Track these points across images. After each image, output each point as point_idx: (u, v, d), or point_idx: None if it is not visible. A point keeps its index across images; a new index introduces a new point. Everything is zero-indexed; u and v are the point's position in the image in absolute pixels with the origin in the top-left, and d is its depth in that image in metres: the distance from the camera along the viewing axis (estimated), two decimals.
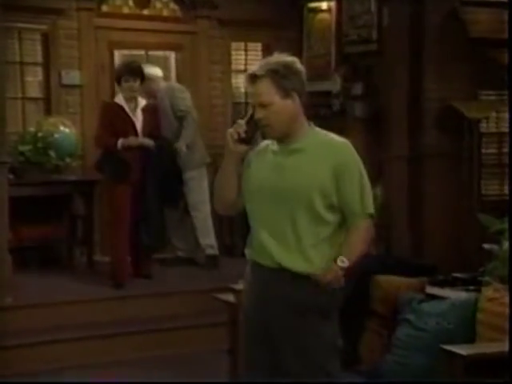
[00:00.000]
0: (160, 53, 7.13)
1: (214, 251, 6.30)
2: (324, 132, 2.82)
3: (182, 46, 7.02)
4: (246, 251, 2.88)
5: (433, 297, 3.62)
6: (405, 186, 6.10)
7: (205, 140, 6.43)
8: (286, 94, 2.70)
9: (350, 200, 2.72)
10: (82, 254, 6.44)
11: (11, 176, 5.58)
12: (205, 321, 5.30)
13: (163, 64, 7.01)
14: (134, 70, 5.46)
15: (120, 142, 5.40)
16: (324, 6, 7.04)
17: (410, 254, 5.95)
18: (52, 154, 6.11)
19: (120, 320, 5.26)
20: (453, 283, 4.06)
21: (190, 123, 6.08)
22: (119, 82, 5.52)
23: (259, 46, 7.44)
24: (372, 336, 3.66)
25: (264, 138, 2.85)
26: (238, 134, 2.73)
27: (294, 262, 2.70)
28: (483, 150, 6.30)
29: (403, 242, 6.01)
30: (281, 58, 2.75)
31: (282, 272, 2.72)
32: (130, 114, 5.50)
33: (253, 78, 2.72)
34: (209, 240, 6.25)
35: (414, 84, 6.14)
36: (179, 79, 7.04)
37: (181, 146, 5.97)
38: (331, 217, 2.72)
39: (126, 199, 5.45)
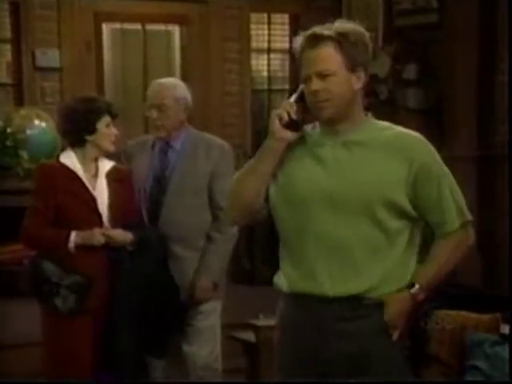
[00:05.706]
0: (161, 27, 7.17)
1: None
2: (387, 123, 2.81)
3: (189, 19, 7.05)
4: (280, 281, 2.80)
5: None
6: (473, 194, 6.06)
7: None
8: (352, 66, 2.68)
9: (439, 209, 2.76)
10: None
11: None
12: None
13: (165, 41, 7.06)
14: (113, 107, 3.98)
15: (73, 237, 3.79)
16: None
17: (480, 282, 5.92)
18: (24, 154, 6.15)
19: None
20: None
21: (229, 235, 4.20)
22: (90, 129, 3.87)
23: (286, 17, 7.49)
24: None
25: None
26: (289, 114, 2.70)
27: (359, 287, 2.70)
28: None
29: (472, 268, 5.97)
30: (349, 24, 2.73)
31: (339, 301, 2.70)
32: (89, 186, 3.91)
33: (315, 41, 2.67)
34: None
35: (485, 65, 6.13)
36: (185, 60, 7.08)
37: (204, 283, 4.13)
38: (401, 227, 2.74)
39: (84, 344, 3.83)
